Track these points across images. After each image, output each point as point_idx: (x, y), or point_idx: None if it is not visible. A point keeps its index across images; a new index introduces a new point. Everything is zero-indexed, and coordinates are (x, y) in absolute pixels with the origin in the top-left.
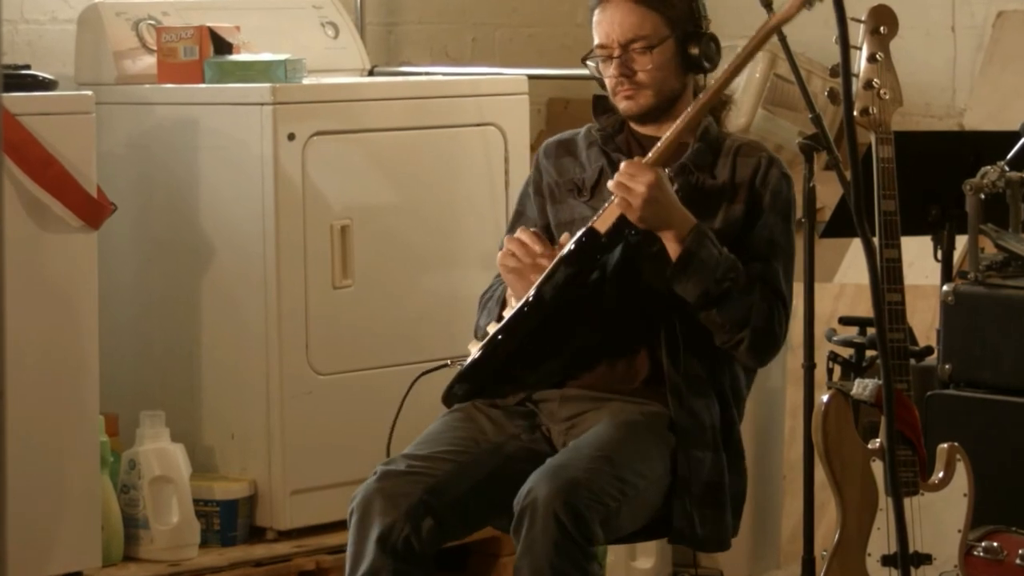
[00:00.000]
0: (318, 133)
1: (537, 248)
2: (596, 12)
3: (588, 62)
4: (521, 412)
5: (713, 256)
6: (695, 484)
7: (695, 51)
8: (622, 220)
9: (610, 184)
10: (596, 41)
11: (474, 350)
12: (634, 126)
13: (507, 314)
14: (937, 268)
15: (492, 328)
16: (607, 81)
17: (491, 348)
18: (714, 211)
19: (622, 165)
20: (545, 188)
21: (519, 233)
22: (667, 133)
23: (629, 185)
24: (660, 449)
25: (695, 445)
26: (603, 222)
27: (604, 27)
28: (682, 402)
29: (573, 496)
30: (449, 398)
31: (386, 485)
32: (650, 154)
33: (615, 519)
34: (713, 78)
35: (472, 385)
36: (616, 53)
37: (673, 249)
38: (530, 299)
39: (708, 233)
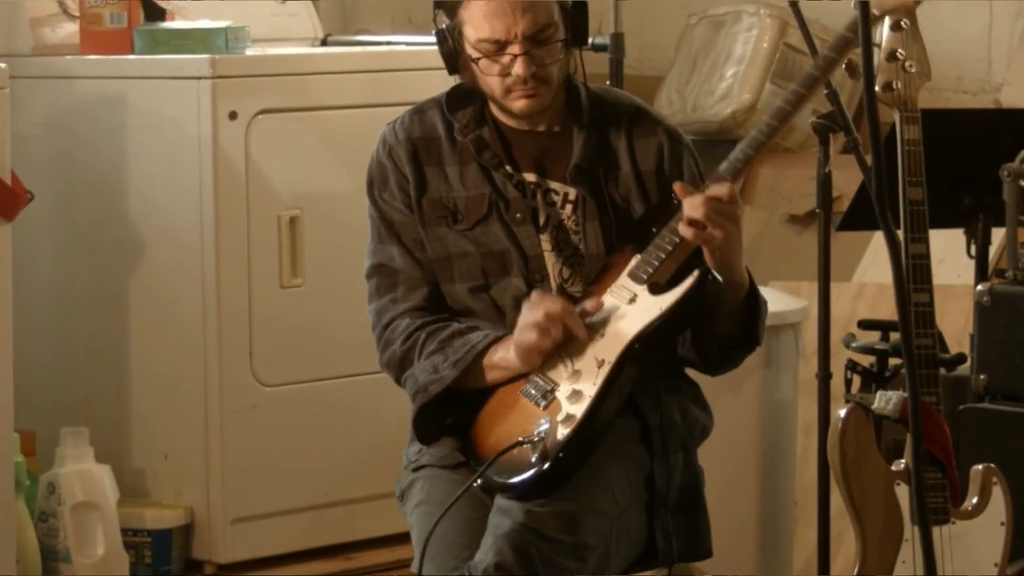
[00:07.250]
0: (263, 111)
1: (582, 334)
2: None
3: (471, 58)
4: None
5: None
6: (671, 493)
7: (579, 23)
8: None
9: (684, 229)
10: (481, 35)
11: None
12: (503, 118)
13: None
14: (970, 265)
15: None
16: (493, 80)
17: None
18: (626, 208)
19: (710, 192)
20: (415, 204)
21: (566, 317)
22: (746, 148)
23: (725, 218)
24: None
25: (670, 449)
26: (667, 268)
27: (500, 18)
28: (658, 403)
29: None
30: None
31: None
32: (726, 174)
33: None
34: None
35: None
36: (520, 50)
37: (738, 287)
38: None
39: None
